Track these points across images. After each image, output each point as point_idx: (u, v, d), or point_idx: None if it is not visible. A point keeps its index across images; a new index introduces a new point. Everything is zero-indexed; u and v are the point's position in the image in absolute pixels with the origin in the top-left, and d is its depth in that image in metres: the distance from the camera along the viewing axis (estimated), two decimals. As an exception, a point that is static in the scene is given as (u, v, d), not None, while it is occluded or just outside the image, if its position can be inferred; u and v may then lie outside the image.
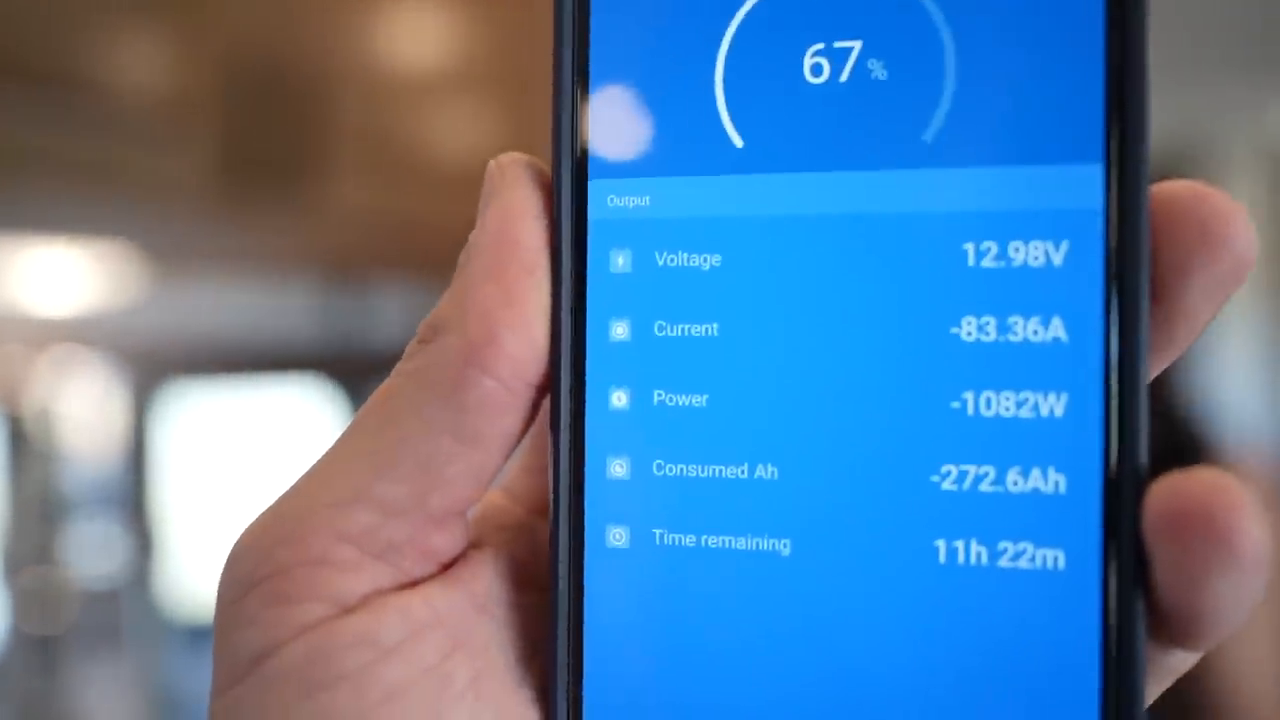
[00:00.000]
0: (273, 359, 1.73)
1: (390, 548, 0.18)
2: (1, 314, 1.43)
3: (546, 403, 0.20)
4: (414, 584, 0.19)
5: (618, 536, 0.19)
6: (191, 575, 1.63)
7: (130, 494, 1.61)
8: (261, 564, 0.18)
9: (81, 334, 1.53)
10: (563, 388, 0.19)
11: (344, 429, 0.20)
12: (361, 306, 1.62)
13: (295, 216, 1.16)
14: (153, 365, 1.62)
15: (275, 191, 1.13)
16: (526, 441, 0.21)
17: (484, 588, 0.19)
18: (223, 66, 1.08)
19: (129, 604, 1.57)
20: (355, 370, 1.69)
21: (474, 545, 0.20)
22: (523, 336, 0.18)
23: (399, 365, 0.19)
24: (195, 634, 1.62)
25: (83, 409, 1.57)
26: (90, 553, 1.56)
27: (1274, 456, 2.32)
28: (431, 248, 1.25)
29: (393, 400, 0.19)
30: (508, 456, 0.19)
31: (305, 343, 1.69)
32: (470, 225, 0.20)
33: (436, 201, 1.20)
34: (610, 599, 0.19)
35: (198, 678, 1.59)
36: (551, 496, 0.19)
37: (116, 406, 1.59)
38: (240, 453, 1.74)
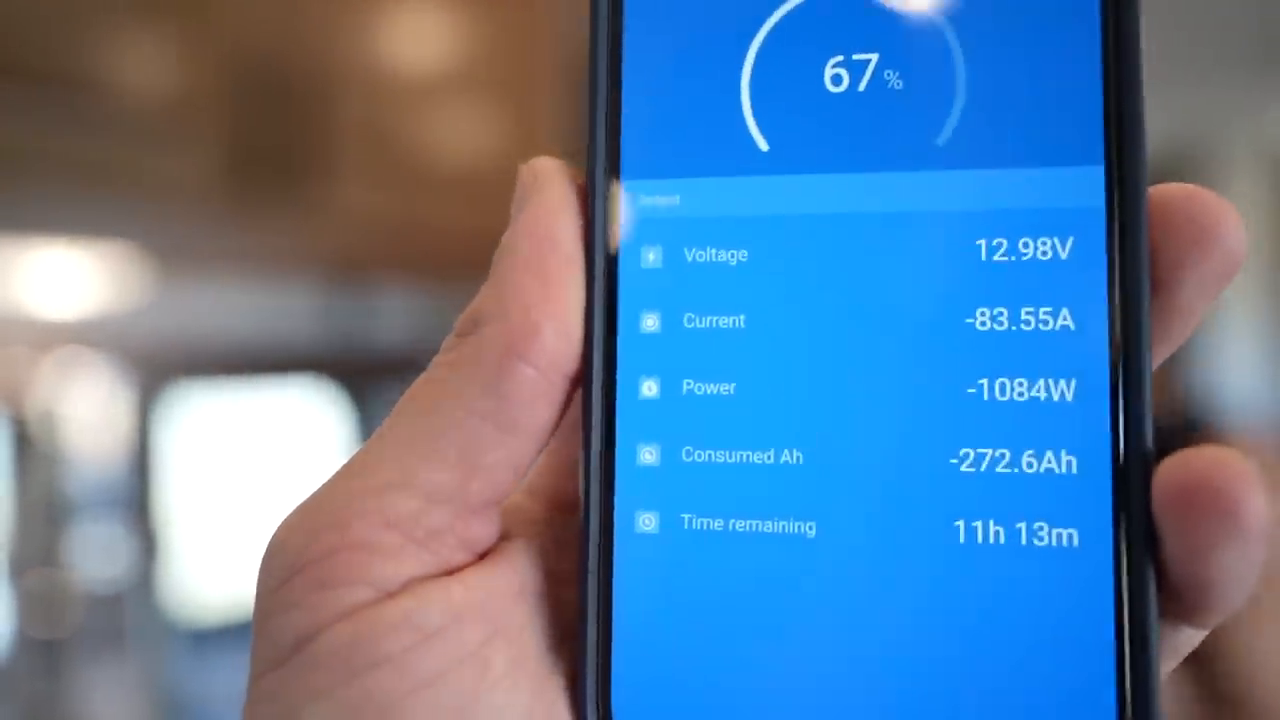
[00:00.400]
0: (277, 361, 1.73)
1: (432, 534, 0.19)
2: (5, 316, 1.44)
3: (578, 395, 0.20)
4: (452, 571, 0.19)
5: (647, 522, 0.20)
6: (196, 578, 1.63)
7: (135, 496, 1.61)
8: (306, 549, 0.18)
9: (85, 336, 1.53)
10: (595, 378, 0.20)
11: (385, 419, 0.20)
12: (365, 308, 1.62)
13: (299, 218, 1.16)
14: (157, 367, 1.62)
15: (279, 193, 1.13)
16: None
17: (519, 576, 0.20)
18: (227, 68, 1.08)
19: (134, 607, 1.57)
20: (359, 372, 1.70)
21: (505, 538, 0.20)
22: (561, 328, 0.19)
23: (438, 357, 0.20)
24: (200, 637, 1.62)
25: (87, 411, 1.58)
26: (95, 555, 1.56)
27: (1277, 444, 2.32)
28: (435, 249, 1.26)
29: (434, 389, 0.19)
30: (542, 448, 0.20)
31: (309, 344, 1.69)
32: (473, 227, 0.20)
33: (440, 203, 1.20)
34: (639, 583, 0.19)
35: (202, 680, 1.59)
36: (582, 483, 0.20)
37: (121, 409, 1.60)
38: (245, 455, 1.74)
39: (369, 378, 1.68)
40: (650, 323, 0.20)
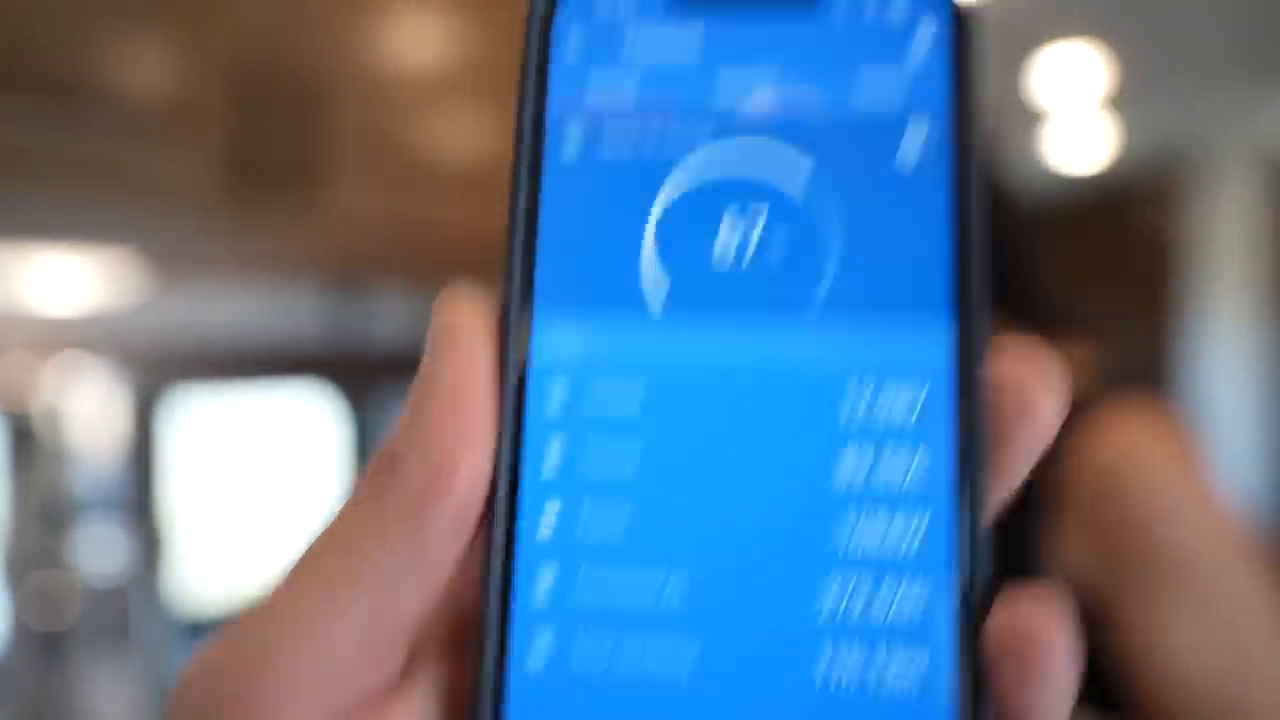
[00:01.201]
0: (276, 362, 1.74)
1: (339, 693, 0.19)
2: (7, 318, 1.44)
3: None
4: (360, 708, 0.20)
5: (542, 643, 0.21)
6: (196, 576, 1.64)
7: (135, 497, 1.62)
8: (213, 707, 0.19)
9: (86, 337, 1.54)
10: (499, 506, 0.21)
11: (300, 558, 0.20)
12: (364, 310, 1.63)
13: (299, 220, 1.17)
14: (157, 368, 1.63)
15: (279, 195, 1.14)
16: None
17: (423, 713, 0.20)
18: (227, 71, 1.09)
19: (134, 604, 1.58)
20: (357, 373, 1.71)
21: (412, 659, 0.21)
22: (477, 470, 0.20)
23: (355, 494, 0.21)
24: (199, 631, 1.63)
25: (88, 412, 1.58)
26: (95, 555, 1.57)
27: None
28: (434, 251, 1.26)
29: (350, 532, 0.20)
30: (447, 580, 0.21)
31: (308, 346, 1.70)
32: (472, 229, 0.21)
33: (439, 205, 1.21)
34: (533, 703, 0.21)
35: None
36: (482, 608, 0.21)
37: (121, 409, 1.60)
38: (244, 455, 1.75)
39: (367, 379, 1.69)
40: (552, 458, 0.22)
